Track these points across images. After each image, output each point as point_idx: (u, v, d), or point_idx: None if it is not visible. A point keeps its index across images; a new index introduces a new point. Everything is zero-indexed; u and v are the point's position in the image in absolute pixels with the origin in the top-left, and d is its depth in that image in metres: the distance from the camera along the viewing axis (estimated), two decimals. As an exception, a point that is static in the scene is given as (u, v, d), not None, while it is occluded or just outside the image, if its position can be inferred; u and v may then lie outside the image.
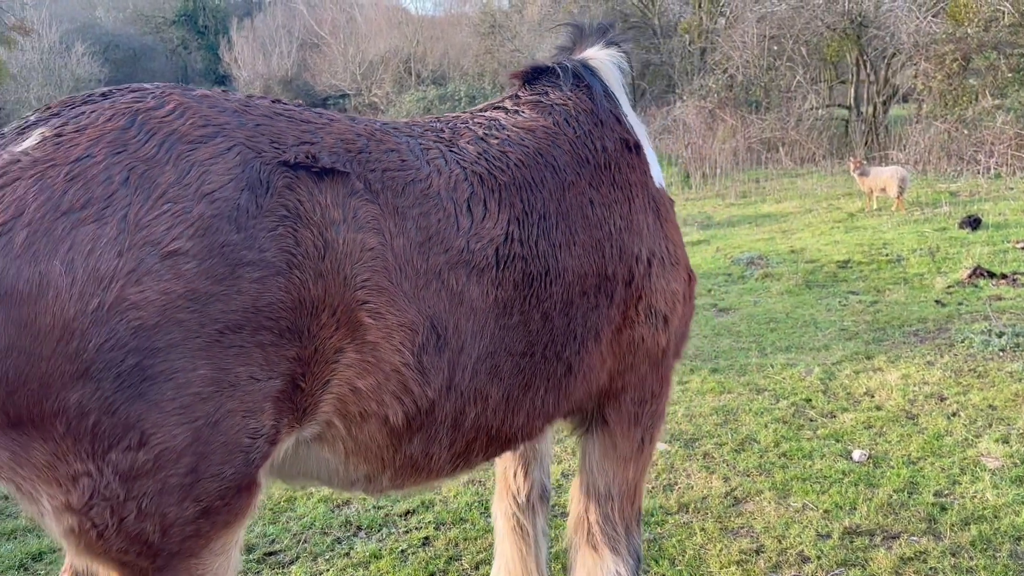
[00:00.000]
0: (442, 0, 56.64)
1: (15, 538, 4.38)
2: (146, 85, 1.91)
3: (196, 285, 1.71)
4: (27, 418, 1.62)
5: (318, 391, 2.00)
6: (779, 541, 4.03)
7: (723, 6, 26.29)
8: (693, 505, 4.44)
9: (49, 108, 1.81)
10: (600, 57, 3.08)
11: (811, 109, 22.57)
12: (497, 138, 2.53)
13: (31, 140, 1.66)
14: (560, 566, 3.94)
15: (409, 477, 2.37)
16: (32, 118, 1.78)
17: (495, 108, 2.83)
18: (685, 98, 23.40)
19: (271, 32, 41.06)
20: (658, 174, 3.02)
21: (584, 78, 2.92)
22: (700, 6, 27.46)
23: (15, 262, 1.55)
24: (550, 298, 2.41)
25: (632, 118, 3.00)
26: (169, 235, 1.67)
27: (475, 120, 2.66)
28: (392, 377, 2.12)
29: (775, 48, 22.94)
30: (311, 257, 1.89)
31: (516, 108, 2.78)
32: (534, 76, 2.93)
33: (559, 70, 2.91)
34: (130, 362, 1.64)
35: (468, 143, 2.46)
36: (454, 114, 2.74)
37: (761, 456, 4.96)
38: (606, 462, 2.86)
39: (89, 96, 1.84)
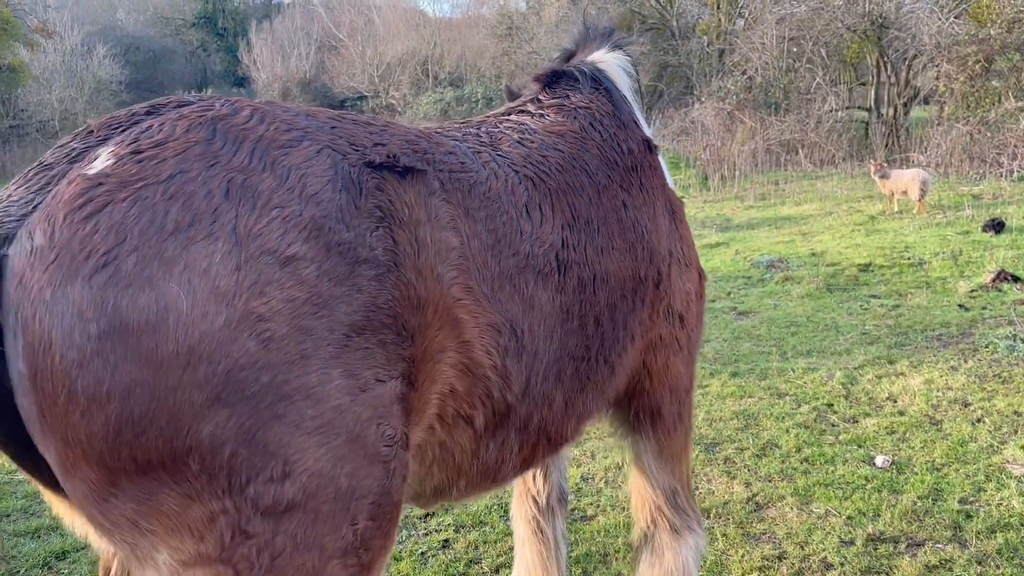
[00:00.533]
0: (459, 2, 56.79)
1: (39, 536, 4.42)
2: (187, 97, 1.84)
3: (320, 289, 1.63)
4: (156, 461, 1.50)
5: (427, 391, 1.94)
6: (801, 547, 4.00)
7: (742, 8, 26.17)
8: (714, 510, 4.41)
9: (91, 130, 1.71)
10: (608, 60, 3.11)
11: (831, 111, 22.41)
12: (533, 142, 2.55)
13: (104, 161, 1.55)
14: (580, 570, 3.92)
15: (480, 485, 2.35)
16: (76, 145, 1.66)
17: (519, 112, 2.83)
18: (703, 100, 23.30)
19: (290, 34, 41.31)
20: (668, 175, 3.07)
21: (602, 81, 2.96)
22: (719, 7, 27.33)
23: (127, 291, 1.45)
24: (599, 303, 2.46)
25: (642, 121, 3.05)
26: (284, 241, 1.60)
27: (505, 124, 2.67)
28: (481, 380, 2.09)
29: (794, 50, 22.81)
30: (410, 256, 1.85)
31: (541, 112, 2.79)
32: (553, 80, 2.95)
33: (577, 74, 2.94)
34: (264, 380, 1.53)
35: (510, 147, 2.47)
36: (477, 118, 2.74)
37: (783, 461, 4.93)
38: (662, 461, 3.03)
39: (133, 114, 1.74)
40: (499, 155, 2.38)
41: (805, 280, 9.45)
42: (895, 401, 5.77)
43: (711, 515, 4.36)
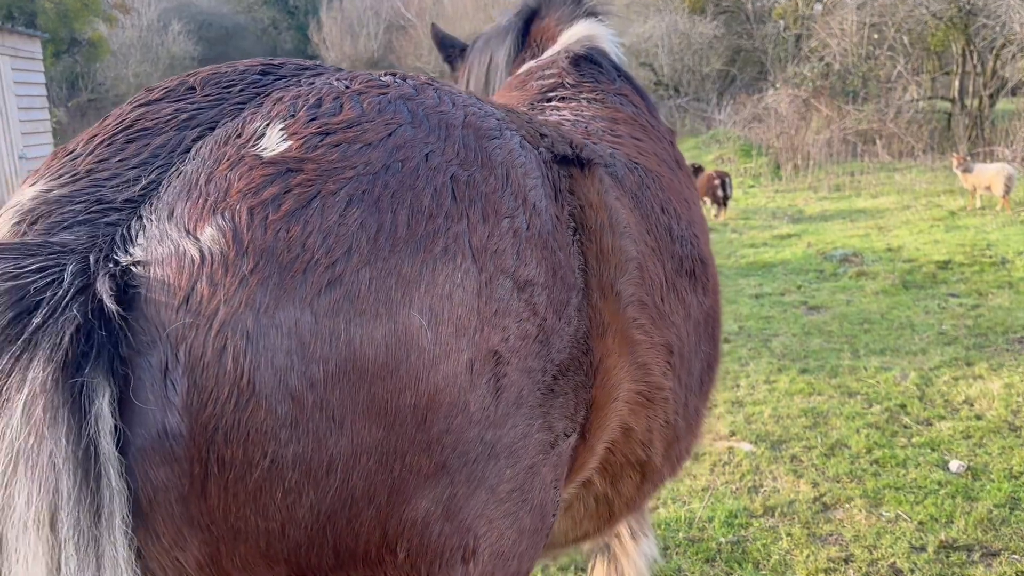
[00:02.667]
0: (530, -17, 56.36)
1: None
2: (322, 65, 1.46)
3: (547, 322, 1.34)
4: (362, 553, 1.15)
5: (596, 441, 1.64)
6: (870, 551, 3.89)
7: (821, -9, 25.43)
8: (779, 509, 4.31)
9: (191, 87, 1.31)
10: (602, 35, 2.87)
11: (911, 101, 21.65)
12: (616, 132, 2.31)
13: (278, 140, 1.17)
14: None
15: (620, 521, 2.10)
16: (184, 106, 1.26)
17: (561, 100, 2.55)
18: (778, 86, 22.77)
19: (359, 13, 41.66)
20: None
21: (620, 68, 2.77)
22: (797, -9, 26.61)
23: (360, 320, 1.08)
24: (708, 298, 2.21)
25: None
26: (519, 261, 1.29)
27: (559, 112, 2.44)
28: (660, 410, 1.80)
29: (875, 36, 22.08)
30: (595, 272, 1.56)
31: (585, 97, 2.54)
32: (575, 62, 2.71)
33: (599, 58, 2.74)
34: (487, 438, 1.22)
35: (599, 139, 2.20)
36: (502, 100, 2.51)
37: (852, 462, 4.80)
38: None
39: (255, 72, 1.36)
40: (605, 147, 2.06)
41: (880, 276, 9.17)
42: (972, 405, 5.56)
43: (775, 514, 4.27)
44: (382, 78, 1.39)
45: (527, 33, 3.06)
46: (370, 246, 1.11)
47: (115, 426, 0.98)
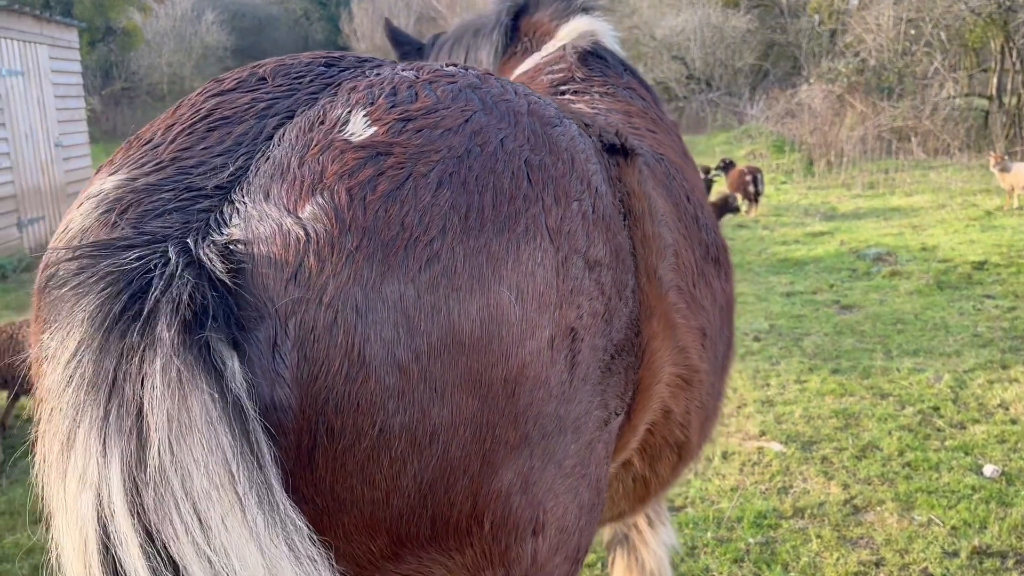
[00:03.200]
0: (561, -25, 56.08)
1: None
2: (378, 58, 1.51)
3: (611, 301, 1.39)
4: (454, 522, 1.19)
5: (639, 422, 1.69)
6: (901, 556, 3.84)
7: (857, -14, 25.05)
8: (809, 511, 4.28)
9: (262, 77, 1.35)
10: (602, 31, 2.87)
11: (948, 98, 21.29)
12: (634, 124, 2.36)
13: (364, 126, 1.20)
14: (668, 562, 3.87)
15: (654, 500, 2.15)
16: (260, 96, 1.30)
17: (574, 94, 2.57)
18: (811, 81, 22.49)
19: (390, 5, 41.70)
20: None
21: (626, 63, 2.79)
22: (832, -15, 26.23)
23: (457, 295, 1.11)
24: (728, 283, 2.26)
25: None
26: (588, 241, 1.33)
27: (575, 106, 2.43)
28: (697, 392, 1.85)
29: (912, 32, 21.72)
30: (642, 258, 1.61)
31: (595, 90, 2.56)
32: (583, 57, 2.74)
33: (605, 53, 2.76)
34: (560, 412, 1.26)
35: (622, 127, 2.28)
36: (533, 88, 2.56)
37: (884, 464, 4.74)
38: None
39: (320, 64, 1.40)
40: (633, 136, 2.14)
41: (914, 275, 9.04)
42: (1007, 408, 5.47)
43: (805, 515, 4.23)
44: (446, 68, 1.43)
45: (515, 29, 3.06)
46: (462, 225, 1.15)
47: (251, 385, 1.00)
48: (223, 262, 1.04)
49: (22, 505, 4.56)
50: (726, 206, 11.94)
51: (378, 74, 1.35)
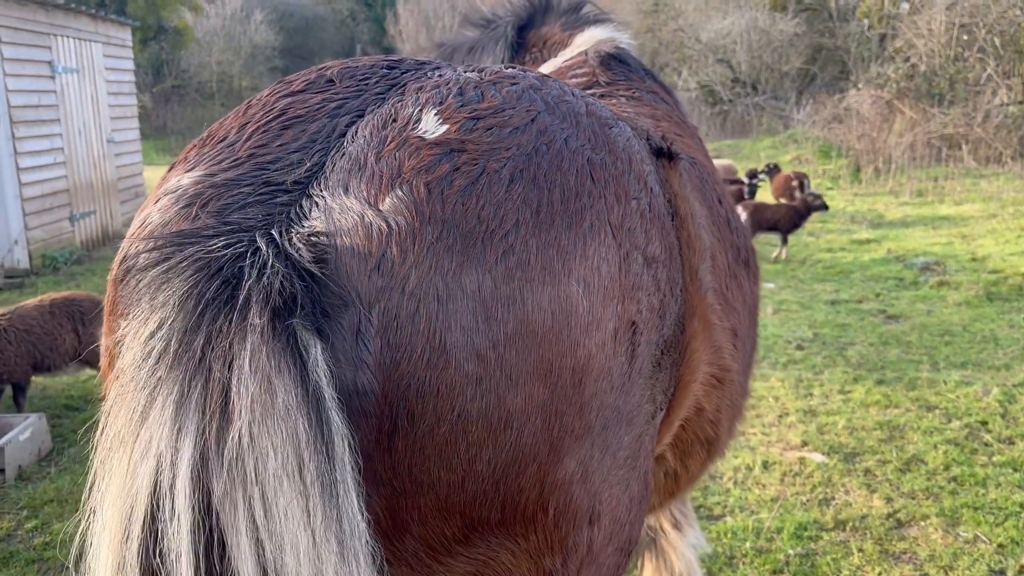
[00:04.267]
0: (607, -23, 55.92)
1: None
2: (433, 61, 1.57)
3: (665, 297, 1.43)
4: (522, 507, 1.21)
5: (675, 418, 1.72)
6: (945, 572, 3.76)
7: (908, -10, 24.59)
8: (851, 523, 4.21)
9: (330, 79, 1.39)
10: (621, 39, 2.89)
11: (1001, 105, 20.77)
12: (659, 129, 2.36)
13: (436, 124, 1.25)
14: (705, 571, 3.83)
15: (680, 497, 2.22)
16: (330, 96, 1.34)
17: (600, 97, 2.57)
18: (860, 86, 22.13)
19: (435, 7, 41.93)
20: None
21: (647, 68, 2.80)
22: (883, -11, 25.78)
23: (530, 286, 1.15)
24: (756, 285, 2.34)
25: None
26: (646, 239, 1.37)
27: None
28: (728, 391, 1.88)
29: (965, 37, 21.25)
30: (686, 257, 1.64)
31: (621, 93, 2.57)
32: (605, 62, 2.76)
33: (627, 58, 2.78)
34: (619, 405, 1.29)
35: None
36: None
37: (929, 479, 4.64)
38: None
39: (385, 67, 1.45)
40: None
41: (963, 286, 8.84)
42: (1060, 425, 5.32)
43: (847, 528, 4.16)
44: (506, 70, 1.47)
45: (521, 42, 3.12)
46: (534, 219, 1.19)
47: (332, 374, 1.03)
48: (309, 252, 1.08)
49: (70, 493, 4.67)
50: (808, 208, 11.05)
51: (441, 75, 1.40)
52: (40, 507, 4.53)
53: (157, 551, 0.99)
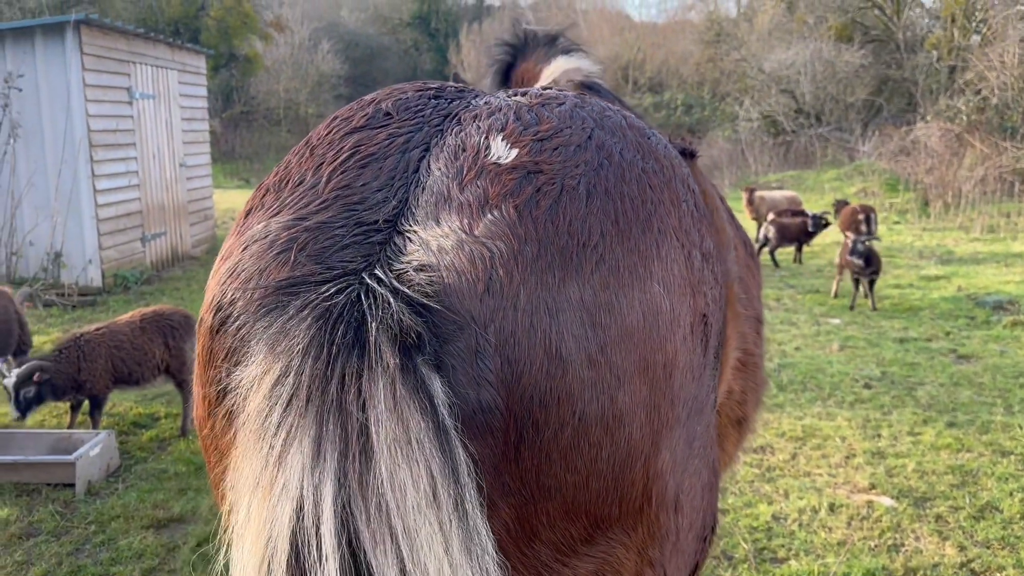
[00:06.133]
0: (667, 6, 56.12)
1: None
2: (469, 86, 1.65)
3: (719, 289, 1.51)
4: (632, 499, 1.26)
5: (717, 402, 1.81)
6: (1024, 629, 3.59)
7: (979, 22, 24.09)
8: (922, 572, 4.05)
9: (388, 112, 1.45)
10: (587, 67, 2.99)
11: (1078, 138, 20.13)
12: None
13: (507, 149, 1.31)
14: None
15: None
16: (396, 131, 1.40)
17: None
18: (928, 118, 21.64)
19: (497, 36, 42.46)
20: None
21: (615, 94, 2.90)
22: (953, 21, 25.29)
23: (623, 292, 1.21)
24: (759, 276, 2.54)
25: None
26: (700, 236, 1.45)
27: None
28: (752, 373, 2.00)
29: (1040, 69, 20.67)
30: (720, 248, 1.71)
31: None
32: (580, 89, 2.84)
33: (597, 86, 2.87)
34: (696, 394, 1.35)
35: None
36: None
37: (1004, 527, 4.45)
38: None
39: (429, 96, 1.52)
40: None
41: (1039, 326, 8.52)
42: None
43: (918, 576, 4.01)
44: (546, 91, 1.55)
45: (507, 82, 3.27)
46: (615, 229, 1.26)
47: (453, 404, 1.09)
48: (420, 286, 1.13)
49: (136, 510, 4.77)
50: (818, 224, 12.35)
51: (489, 102, 1.47)
52: (107, 523, 4.63)
53: None
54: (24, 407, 5.40)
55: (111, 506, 4.82)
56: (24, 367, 5.45)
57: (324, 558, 1.00)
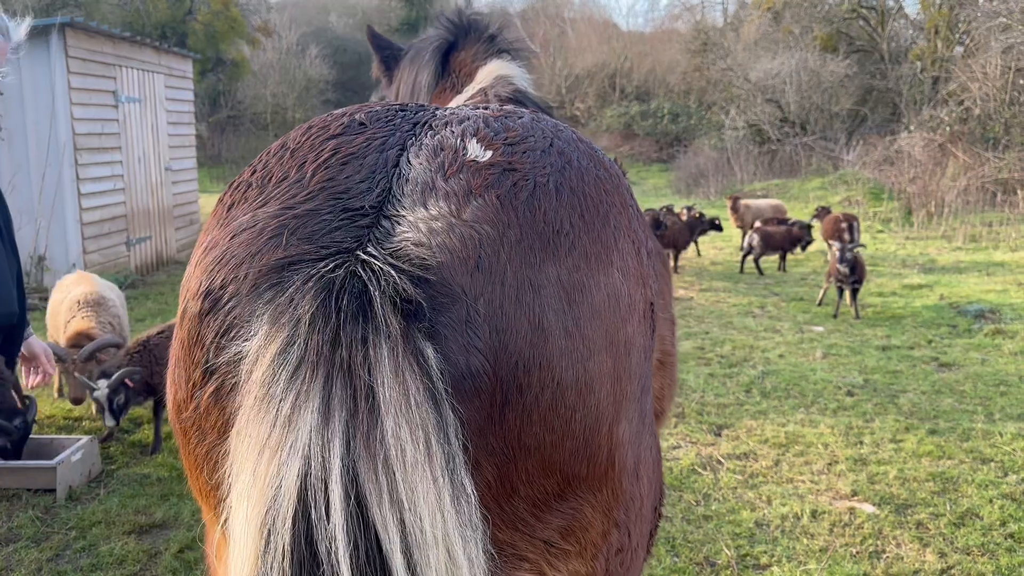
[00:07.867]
0: (653, 16, 56.38)
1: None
2: (426, 104, 1.79)
3: (661, 281, 1.71)
4: (600, 460, 1.40)
5: None
6: (1003, 635, 3.62)
7: (962, 34, 24.36)
8: (903, 578, 4.08)
9: (362, 122, 1.58)
10: (517, 75, 3.05)
11: (1059, 150, 20.37)
12: None
13: (483, 150, 1.46)
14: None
15: None
16: (375, 134, 1.52)
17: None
18: (912, 129, 21.85)
19: (439, 13, 42.47)
20: None
21: (542, 107, 2.98)
22: (936, 33, 25.57)
23: (591, 273, 1.38)
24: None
25: None
26: (645, 235, 1.63)
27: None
28: (670, 372, 2.13)
29: (1021, 82, 20.93)
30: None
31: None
32: (506, 104, 2.94)
33: (525, 100, 2.97)
34: (646, 372, 1.52)
35: None
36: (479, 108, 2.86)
37: (984, 534, 4.49)
38: None
39: (397, 110, 1.66)
40: None
41: (1019, 335, 8.61)
42: (1124, 484, 5.12)
43: (899, 583, 4.04)
44: (504, 107, 1.74)
45: (447, 62, 3.34)
46: (581, 221, 1.41)
47: (443, 369, 1.20)
48: (414, 260, 1.26)
49: (118, 515, 4.74)
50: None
51: (454, 112, 1.64)
52: (88, 528, 4.60)
53: (309, 540, 1.11)
54: (118, 413, 5.56)
55: (92, 512, 4.79)
56: (114, 376, 5.48)
57: (332, 511, 1.09)
